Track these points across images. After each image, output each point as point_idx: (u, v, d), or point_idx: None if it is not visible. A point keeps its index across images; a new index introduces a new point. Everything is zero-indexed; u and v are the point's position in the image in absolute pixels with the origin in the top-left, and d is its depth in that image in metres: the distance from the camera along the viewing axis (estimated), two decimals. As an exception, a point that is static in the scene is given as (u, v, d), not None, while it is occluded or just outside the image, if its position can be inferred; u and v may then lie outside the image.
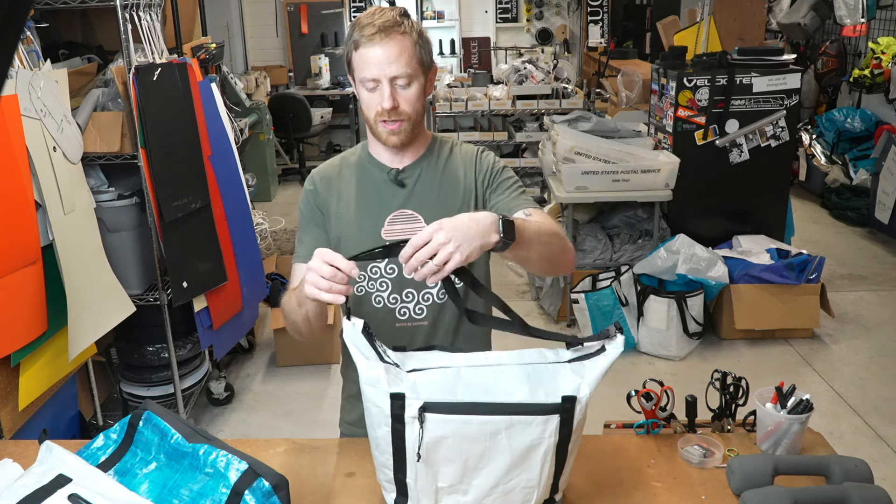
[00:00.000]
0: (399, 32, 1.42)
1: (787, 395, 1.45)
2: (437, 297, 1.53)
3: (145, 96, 2.55)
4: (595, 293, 3.71)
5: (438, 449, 1.16)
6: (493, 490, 1.19)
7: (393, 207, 1.52)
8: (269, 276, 3.88)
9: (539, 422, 1.15)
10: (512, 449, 1.16)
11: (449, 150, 1.60)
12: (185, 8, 3.41)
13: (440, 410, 1.14)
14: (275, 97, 7.10)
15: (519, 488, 1.20)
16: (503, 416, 1.14)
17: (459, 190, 1.55)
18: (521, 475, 1.19)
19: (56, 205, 2.26)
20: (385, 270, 1.52)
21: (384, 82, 1.42)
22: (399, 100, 1.44)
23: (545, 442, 1.17)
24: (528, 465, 1.18)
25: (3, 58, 0.60)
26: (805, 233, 5.19)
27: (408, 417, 1.15)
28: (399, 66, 1.41)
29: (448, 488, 1.20)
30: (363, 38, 1.41)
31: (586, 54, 8.16)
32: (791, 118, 3.97)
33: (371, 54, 1.41)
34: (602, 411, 1.89)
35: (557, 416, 1.15)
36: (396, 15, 1.44)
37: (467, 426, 1.14)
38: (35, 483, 1.20)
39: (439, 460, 1.17)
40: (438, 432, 1.15)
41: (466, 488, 1.19)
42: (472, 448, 1.16)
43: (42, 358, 2.28)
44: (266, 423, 3.28)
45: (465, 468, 1.17)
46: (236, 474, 1.22)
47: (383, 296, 1.53)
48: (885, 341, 3.87)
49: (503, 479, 1.18)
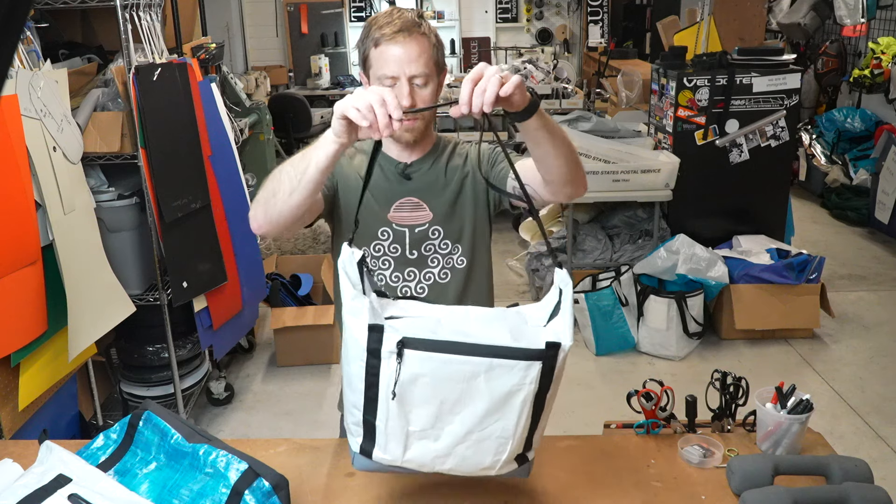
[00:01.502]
0: (419, 33, 1.47)
1: (787, 395, 1.45)
2: (438, 276, 1.60)
3: (145, 96, 2.55)
4: (595, 293, 3.71)
5: (414, 388, 1.13)
6: (466, 437, 1.16)
7: (400, 195, 1.59)
8: (269, 276, 3.88)
9: (521, 367, 1.13)
10: (490, 393, 1.14)
11: (453, 147, 1.67)
12: (185, 8, 3.41)
13: (420, 347, 1.12)
14: (275, 97, 7.09)
15: (493, 437, 1.17)
16: (485, 358, 1.12)
17: (461, 178, 1.61)
18: (497, 423, 1.16)
19: (56, 205, 2.26)
20: (388, 249, 1.59)
21: (403, 80, 1.46)
22: (416, 99, 1.47)
23: (525, 389, 1.14)
24: (504, 411, 1.15)
25: (3, 58, 0.60)
26: (805, 233, 5.19)
27: (385, 352, 1.13)
28: (419, 66, 1.46)
29: (419, 433, 1.16)
30: (384, 37, 1.45)
31: (586, 54, 8.17)
32: (791, 118, 3.97)
33: (392, 52, 1.45)
34: (602, 411, 1.89)
35: (540, 363, 1.13)
36: (415, 16, 1.49)
37: (447, 366, 1.12)
38: (35, 483, 1.20)
39: (413, 400, 1.14)
40: (416, 370, 1.12)
41: (439, 434, 1.16)
42: (449, 389, 1.13)
43: (42, 358, 2.28)
44: (266, 423, 3.28)
45: (439, 411, 1.15)
46: (236, 474, 1.22)
47: (385, 273, 1.59)
48: (885, 341, 3.87)
49: (478, 427, 1.15)
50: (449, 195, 1.60)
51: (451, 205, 1.60)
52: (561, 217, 4.42)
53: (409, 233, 1.58)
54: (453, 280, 1.60)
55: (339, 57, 8.07)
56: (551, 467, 1.44)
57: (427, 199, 1.59)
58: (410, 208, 1.59)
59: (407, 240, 1.58)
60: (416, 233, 1.58)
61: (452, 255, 1.60)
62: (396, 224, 1.58)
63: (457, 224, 1.60)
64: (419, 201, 1.59)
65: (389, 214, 1.58)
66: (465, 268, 1.61)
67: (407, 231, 1.58)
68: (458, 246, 1.60)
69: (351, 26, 8.13)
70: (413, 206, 1.59)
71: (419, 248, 1.58)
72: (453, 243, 1.60)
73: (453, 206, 1.60)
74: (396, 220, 1.58)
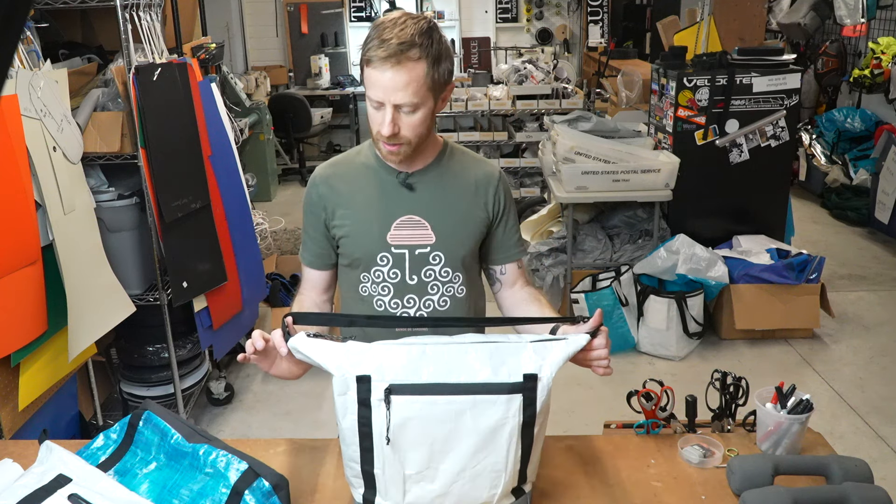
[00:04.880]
0: (413, 59, 1.36)
1: (787, 395, 1.45)
2: (437, 304, 1.55)
3: (145, 96, 2.55)
4: (595, 293, 3.71)
5: (405, 432, 1.18)
6: (460, 474, 1.20)
7: (400, 213, 1.52)
8: (269, 276, 3.87)
9: (502, 401, 1.18)
10: (477, 429, 1.18)
11: (461, 159, 1.59)
12: (185, 8, 3.41)
13: (406, 392, 1.16)
14: (275, 97, 7.09)
15: (486, 472, 1.21)
16: (467, 396, 1.17)
17: (468, 203, 1.56)
18: (488, 458, 1.20)
19: (56, 205, 2.26)
20: (388, 275, 1.53)
21: (388, 107, 1.40)
22: (401, 125, 1.42)
23: (510, 422, 1.19)
24: (493, 446, 1.19)
25: (3, 58, 0.60)
26: (805, 233, 5.19)
27: (374, 401, 1.17)
28: (405, 95, 1.38)
29: (416, 475, 1.20)
30: (375, 59, 1.36)
31: (586, 54, 8.16)
32: (791, 118, 3.97)
33: (379, 77, 1.37)
34: (602, 411, 1.89)
35: (520, 396, 1.18)
36: (416, 34, 1.36)
37: (433, 407, 1.17)
38: (35, 483, 1.20)
39: (406, 444, 1.18)
40: (405, 414, 1.17)
41: (434, 474, 1.20)
42: (438, 429, 1.18)
43: (42, 358, 2.28)
44: (266, 423, 3.28)
45: (431, 451, 1.19)
46: (236, 474, 1.22)
47: (384, 300, 1.54)
48: (885, 341, 3.87)
49: (470, 463, 1.20)
50: (452, 215, 1.53)
51: (454, 227, 1.53)
52: (561, 217, 4.42)
53: (408, 254, 1.52)
54: (452, 308, 1.56)
55: (339, 57, 8.07)
56: (551, 467, 1.44)
57: (430, 218, 1.52)
58: (412, 226, 1.52)
59: (407, 263, 1.52)
60: (416, 254, 1.52)
61: (453, 284, 1.55)
62: (395, 247, 1.51)
63: (459, 251, 1.54)
64: (420, 220, 1.52)
65: (389, 235, 1.51)
66: (464, 297, 1.57)
67: (407, 252, 1.52)
68: (458, 275, 1.55)
69: (351, 26, 8.12)
70: (414, 225, 1.52)
71: (419, 272, 1.52)
72: (454, 271, 1.54)
73: (456, 229, 1.54)
74: (396, 240, 1.51)
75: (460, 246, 1.54)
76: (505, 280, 1.63)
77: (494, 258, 1.62)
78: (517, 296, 1.62)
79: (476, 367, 1.18)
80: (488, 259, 1.63)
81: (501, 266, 1.62)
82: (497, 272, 1.63)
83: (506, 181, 1.62)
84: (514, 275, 1.63)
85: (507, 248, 1.61)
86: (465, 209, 1.55)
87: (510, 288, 1.63)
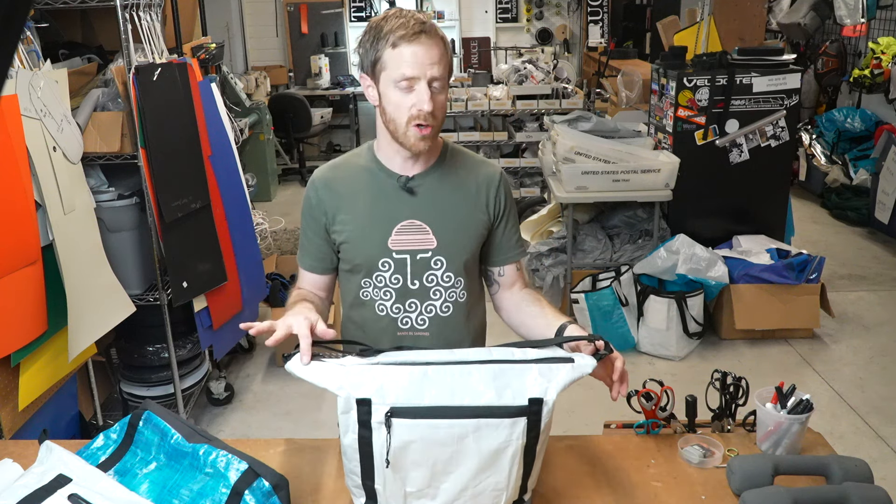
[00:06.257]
0: (437, 34, 1.40)
1: (787, 395, 1.45)
2: (440, 309, 1.54)
3: (145, 96, 2.55)
4: (595, 293, 3.71)
5: (406, 454, 1.16)
6: (461, 494, 1.19)
7: (402, 217, 1.50)
8: (269, 276, 3.88)
9: (506, 424, 1.15)
10: (480, 452, 1.16)
11: (462, 161, 1.58)
12: (185, 8, 3.41)
13: (407, 415, 1.14)
14: (275, 97, 7.09)
15: (488, 491, 1.19)
16: (470, 420, 1.14)
17: (469, 206, 1.54)
18: (490, 478, 1.18)
19: (56, 205, 2.26)
20: (390, 280, 1.52)
21: (423, 83, 1.38)
22: (434, 104, 1.40)
23: (513, 444, 1.16)
24: (496, 468, 1.17)
25: (3, 58, 0.60)
26: (805, 233, 5.19)
27: (374, 423, 1.15)
28: (440, 68, 1.39)
29: (416, 493, 1.19)
30: (405, 37, 1.36)
31: (586, 54, 8.16)
32: (791, 118, 3.97)
33: (413, 52, 1.36)
34: (602, 411, 1.89)
35: (524, 419, 1.15)
36: (429, 19, 1.41)
37: (434, 430, 1.14)
38: (35, 483, 1.20)
39: (407, 465, 1.17)
40: (406, 437, 1.14)
41: (435, 493, 1.19)
42: (439, 452, 1.15)
43: (42, 358, 2.28)
44: (266, 423, 3.28)
45: (433, 472, 1.17)
46: (236, 474, 1.22)
47: (386, 304, 1.53)
48: (885, 341, 3.87)
49: (472, 483, 1.18)
50: (453, 219, 1.52)
51: (455, 231, 1.52)
52: (561, 217, 4.42)
53: (410, 259, 1.50)
54: (455, 314, 1.55)
55: (339, 57, 8.07)
56: (551, 467, 1.44)
57: (431, 223, 1.50)
58: (413, 231, 1.50)
59: (408, 268, 1.50)
60: (417, 259, 1.50)
61: (455, 289, 1.53)
62: (397, 252, 1.50)
63: (461, 255, 1.53)
64: (422, 224, 1.50)
65: (390, 240, 1.49)
66: (465, 301, 1.56)
67: (408, 258, 1.50)
68: (460, 279, 1.54)
69: (351, 26, 8.12)
70: (416, 230, 1.50)
71: (421, 277, 1.51)
72: (456, 276, 1.53)
73: (457, 233, 1.52)
74: (397, 245, 1.49)
75: (462, 250, 1.53)
76: (503, 282, 1.62)
77: (494, 259, 1.61)
78: (516, 297, 1.60)
79: (480, 390, 1.15)
80: (487, 260, 1.62)
81: (500, 268, 1.61)
82: (495, 273, 1.62)
83: (507, 182, 1.61)
84: (512, 277, 1.62)
85: (507, 249, 1.60)
86: (467, 212, 1.54)
87: (508, 290, 1.62)
